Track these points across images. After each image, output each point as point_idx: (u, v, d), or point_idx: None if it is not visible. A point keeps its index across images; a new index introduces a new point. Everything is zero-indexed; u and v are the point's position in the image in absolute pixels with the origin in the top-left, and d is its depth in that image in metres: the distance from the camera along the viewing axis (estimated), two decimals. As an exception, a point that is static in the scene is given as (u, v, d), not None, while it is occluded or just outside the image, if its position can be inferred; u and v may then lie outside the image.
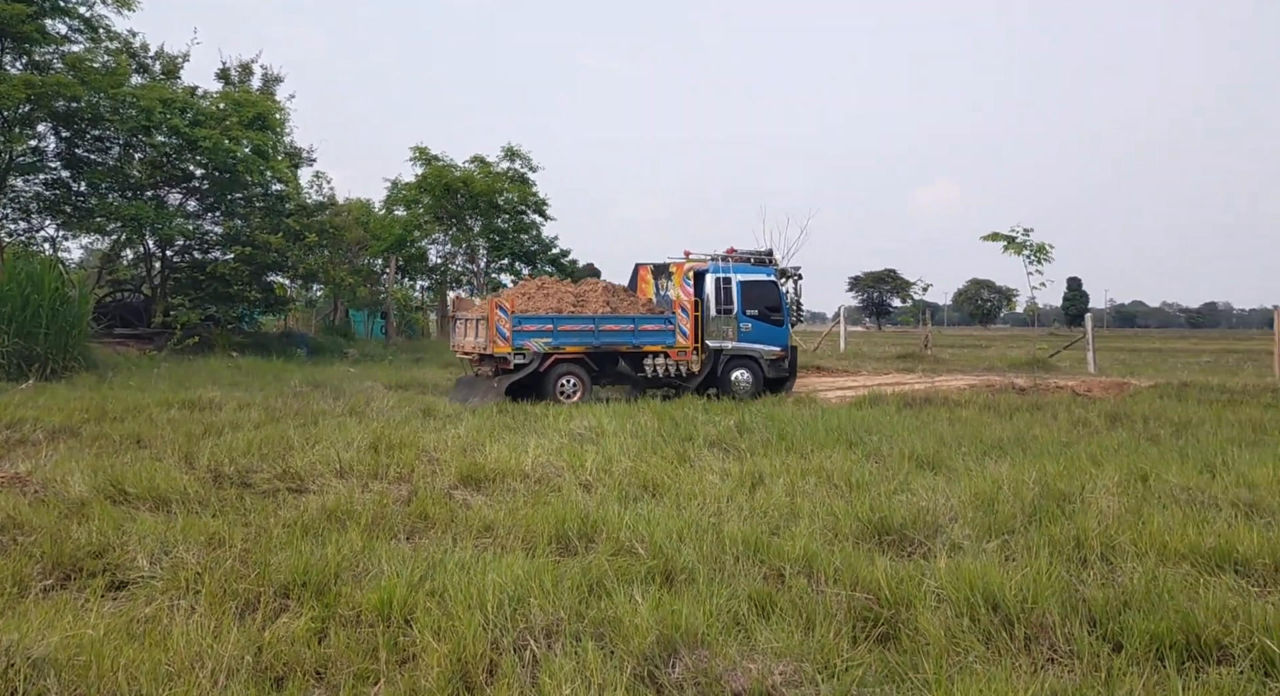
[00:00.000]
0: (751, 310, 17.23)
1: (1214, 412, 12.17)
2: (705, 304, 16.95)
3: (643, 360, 16.36)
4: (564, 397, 15.44)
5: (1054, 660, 4.03)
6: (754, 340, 17.24)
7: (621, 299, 17.01)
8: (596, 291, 16.92)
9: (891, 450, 9.35)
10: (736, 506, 6.89)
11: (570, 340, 15.76)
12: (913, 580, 4.85)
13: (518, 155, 30.69)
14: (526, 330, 15.49)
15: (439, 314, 31.95)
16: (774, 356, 17.39)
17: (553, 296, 16.52)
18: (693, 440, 10.23)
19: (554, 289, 16.89)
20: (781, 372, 17.52)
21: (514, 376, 15.38)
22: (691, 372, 16.70)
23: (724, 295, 17.02)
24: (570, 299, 16.48)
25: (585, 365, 15.93)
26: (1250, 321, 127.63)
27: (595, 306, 16.39)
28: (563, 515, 6.21)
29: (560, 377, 15.67)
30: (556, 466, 8.40)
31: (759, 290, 17.39)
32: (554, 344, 15.62)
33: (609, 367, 16.50)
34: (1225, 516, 6.16)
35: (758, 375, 17.16)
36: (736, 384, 16.88)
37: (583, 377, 15.84)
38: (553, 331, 15.65)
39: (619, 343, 16.16)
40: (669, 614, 4.21)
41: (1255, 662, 3.78)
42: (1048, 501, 6.76)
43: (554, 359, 15.61)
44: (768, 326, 17.40)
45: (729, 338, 17.03)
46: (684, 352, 16.47)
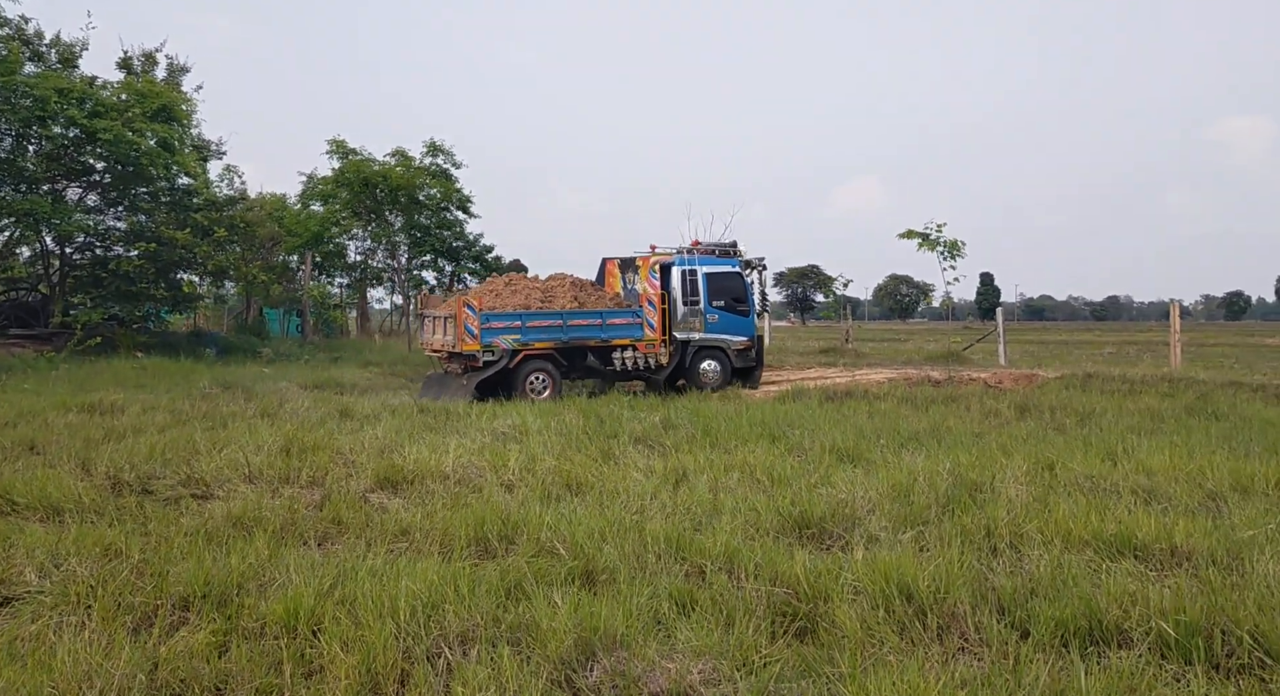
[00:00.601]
0: (717, 301, 17.47)
1: (1115, 402, 12.68)
2: (672, 296, 17.15)
3: (611, 354, 16.47)
4: (534, 394, 15.49)
5: (965, 649, 4.11)
6: (721, 331, 17.49)
7: (589, 294, 17.09)
8: (564, 287, 16.93)
9: (813, 444, 9.46)
10: (660, 503, 6.86)
11: (539, 336, 15.82)
12: (831, 573, 4.89)
13: (441, 150, 30.14)
14: (495, 327, 15.50)
15: (358, 312, 31.20)
16: (741, 346, 17.65)
17: (520, 293, 16.51)
18: (618, 437, 10.18)
19: (521, 285, 16.90)
20: (749, 362, 17.79)
21: (483, 374, 15.31)
22: (660, 365, 16.89)
23: (690, 287, 17.24)
24: (538, 295, 16.51)
25: (555, 361, 15.99)
26: (1149, 314, 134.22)
27: (563, 302, 16.44)
28: (482, 516, 6.08)
29: (530, 374, 15.69)
30: (478, 466, 8.25)
31: (724, 281, 17.63)
32: (523, 340, 15.66)
33: (578, 362, 16.58)
34: (1125, 503, 6.39)
35: (725, 365, 17.43)
36: (705, 374, 17.14)
37: (552, 373, 15.88)
38: (521, 328, 15.68)
39: (587, 337, 16.25)
40: (588, 616, 4.15)
41: (1153, 645, 3.92)
42: (960, 492, 6.91)
43: (523, 355, 15.65)
44: (734, 317, 17.64)
45: (696, 329, 17.26)
46: (652, 345, 16.67)
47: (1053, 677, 3.55)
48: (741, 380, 17.52)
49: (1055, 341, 39.85)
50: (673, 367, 17.01)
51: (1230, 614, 3.98)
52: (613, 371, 16.70)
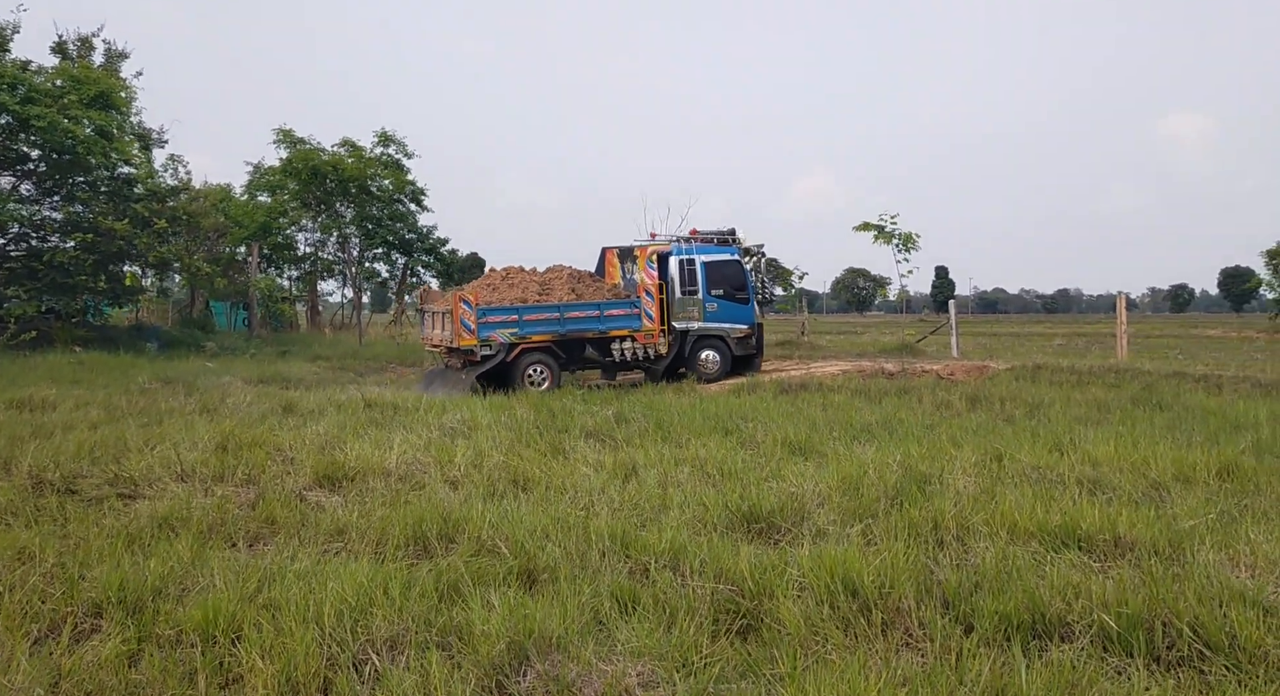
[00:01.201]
0: (716, 290, 17.42)
1: (1063, 393, 12.81)
2: (670, 286, 17.07)
3: (610, 345, 16.51)
4: (533, 386, 15.54)
5: (909, 644, 4.03)
6: (720, 319, 17.43)
7: (587, 285, 17.06)
8: (562, 279, 16.92)
9: (766, 437, 9.39)
10: (608, 499, 6.72)
11: (536, 329, 15.90)
12: (776, 569, 4.79)
13: (392, 140, 29.61)
14: (491, 322, 15.59)
15: (308, 305, 30.54)
16: (741, 334, 17.62)
17: (517, 286, 16.54)
18: (569, 431, 10.03)
19: (519, 279, 16.87)
20: (749, 350, 17.75)
21: (481, 368, 15.38)
22: (659, 355, 16.89)
23: (688, 277, 17.18)
24: (535, 288, 16.54)
25: (553, 353, 16.05)
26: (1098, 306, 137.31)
27: (560, 294, 16.45)
28: (422, 515, 5.89)
29: (528, 367, 15.80)
30: (423, 463, 8.04)
31: (723, 270, 17.56)
32: (520, 334, 15.77)
33: (577, 354, 16.61)
34: (1071, 494, 6.39)
35: (725, 354, 17.39)
36: (705, 363, 17.13)
37: (550, 365, 15.96)
38: (518, 321, 15.77)
39: (585, 329, 16.30)
40: (523, 617, 3.99)
41: (1095, 638, 3.88)
42: (910, 484, 6.86)
43: (521, 348, 15.73)
44: (734, 305, 17.58)
45: (695, 318, 17.23)
46: (651, 335, 16.65)
47: (994, 673, 3.48)
48: (742, 368, 17.51)
49: (1007, 333, 40.46)
50: (672, 357, 16.99)
51: (1171, 606, 3.95)
52: (612, 362, 16.71)
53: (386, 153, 29.50)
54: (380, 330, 30.47)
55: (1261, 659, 3.59)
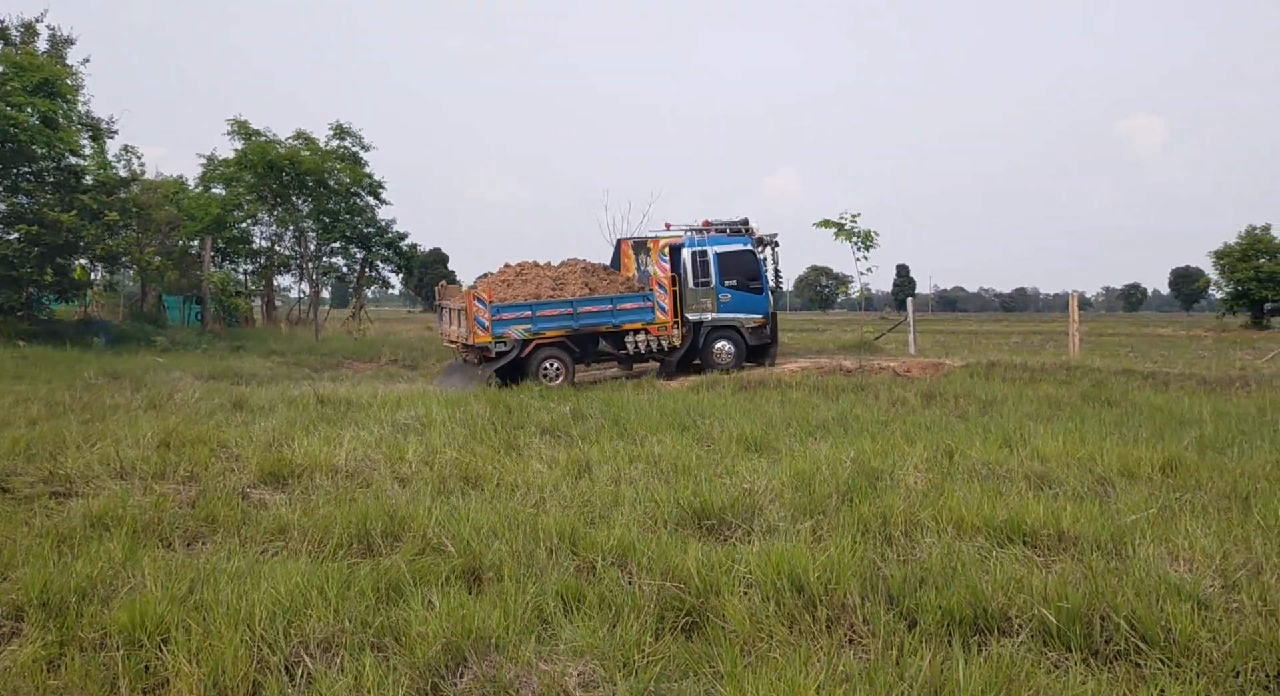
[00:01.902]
0: (730, 280, 17.42)
1: (1016, 390, 12.98)
2: (683, 277, 17.10)
3: (624, 338, 16.65)
4: (547, 380, 15.75)
5: (853, 641, 4.02)
6: (734, 310, 17.47)
7: (601, 279, 17.17)
8: (575, 274, 17.02)
9: (722, 433, 9.38)
10: (559, 496, 6.66)
11: (550, 324, 16.06)
12: (723, 566, 4.76)
13: (348, 133, 29.17)
14: (505, 318, 15.80)
15: (264, 300, 30.00)
16: (755, 324, 17.65)
17: (531, 282, 16.69)
18: (525, 428, 9.94)
19: (532, 274, 17.00)
20: (764, 339, 17.77)
21: (496, 364, 15.64)
22: (674, 346, 17.00)
23: (700, 268, 17.20)
24: (549, 283, 16.68)
25: (566, 347, 16.24)
26: (1054, 305, 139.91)
27: (574, 289, 16.60)
28: (367, 513, 5.77)
29: (543, 361, 16.00)
30: (373, 459, 7.92)
31: (736, 260, 17.55)
32: (534, 330, 15.93)
33: (591, 348, 16.76)
34: (1018, 489, 6.45)
35: (740, 344, 17.45)
36: (719, 354, 17.20)
37: (565, 360, 16.17)
38: (531, 317, 15.94)
39: (598, 323, 16.44)
40: (463, 617, 3.91)
41: (1035, 633, 3.89)
42: (861, 480, 6.88)
43: (535, 344, 15.91)
44: (747, 295, 17.58)
45: (708, 309, 17.25)
46: (664, 328, 16.78)
47: (934, 668, 3.47)
48: (757, 358, 17.60)
49: (965, 331, 41.02)
50: (685, 349, 17.07)
51: (1110, 600, 3.98)
52: (626, 355, 16.86)
53: (343, 145, 29.06)
54: (338, 325, 30.01)
55: (1195, 652, 3.63)
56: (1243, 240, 43.21)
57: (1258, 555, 4.74)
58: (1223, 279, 43.95)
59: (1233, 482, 6.50)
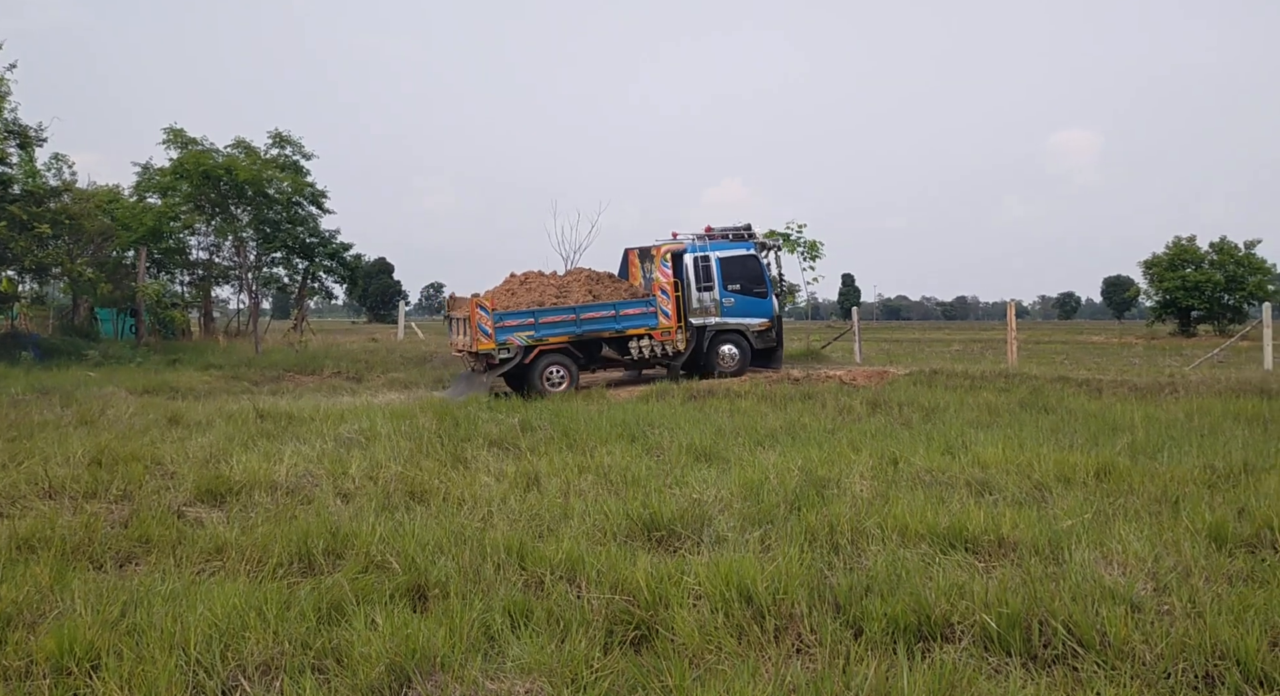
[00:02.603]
0: (733, 285, 17.60)
1: (957, 397, 13.24)
2: (686, 283, 17.27)
3: (628, 344, 16.89)
4: (551, 386, 16.16)
5: (800, 650, 4.05)
6: (738, 314, 17.64)
7: (605, 286, 17.39)
8: (580, 281, 17.29)
9: (671, 443, 9.40)
10: (508, 510, 6.59)
11: (552, 331, 16.33)
12: (673, 578, 4.76)
13: (289, 141, 28.62)
14: (508, 326, 16.06)
15: (202, 312, 29.21)
16: (760, 328, 17.80)
17: (535, 290, 16.99)
18: (472, 440, 9.83)
19: (537, 282, 17.28)
20: (770, 343, 17.92)
21: (499, 370, 16.05)
22: (678, 351, 17.20)
23: (703, 273, 17.39)
24: (553, 291, 16.95)
25: (570, 354, 16.52)
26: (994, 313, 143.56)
27: (578, 296, 16.84)
28: (308, 530, 5.65)
29: (546, 368, 16.29)
30: (315, 475, 7.76)
31: (739, 265, 17.71)
32: (537, 337, 16.17)
33: (594, 353, 17.02)
34: (960, 496, 6.57)
35: (744, 348, 17.64)
36: (724, 359, 17.41)
37: (568, 366, 16.46)
38: (534, 324, 16.21)
39: (601, 329, 16.68)
40: (407, 636, 3.84)
41: (977, 638, 3.96)
42: (809, 489, 6.95)
43: (538, 351, 16.19)
44: (751, 299, 17.73)
45: (712, 314, 17.45)
46: (668, 333, 16.99)
47: (879, 677, 3.51)
48: (763, 361, 17.75)
49: (909, 339, 41.78)
50: (690, 353, 17.25)
51: (1047, 605, 4.07)
52: (630, 360, 17.07)
53: (283, 154, 28.50)
54: (279, 338, 29.36)
55: (1129, 655, 3.73)
56: (1170, 250, 44.76)
57: (1187, 558, 4.89)
58: (1152, 288, 45.41)
59: (1163, 487, 6.71)
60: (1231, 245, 43.73)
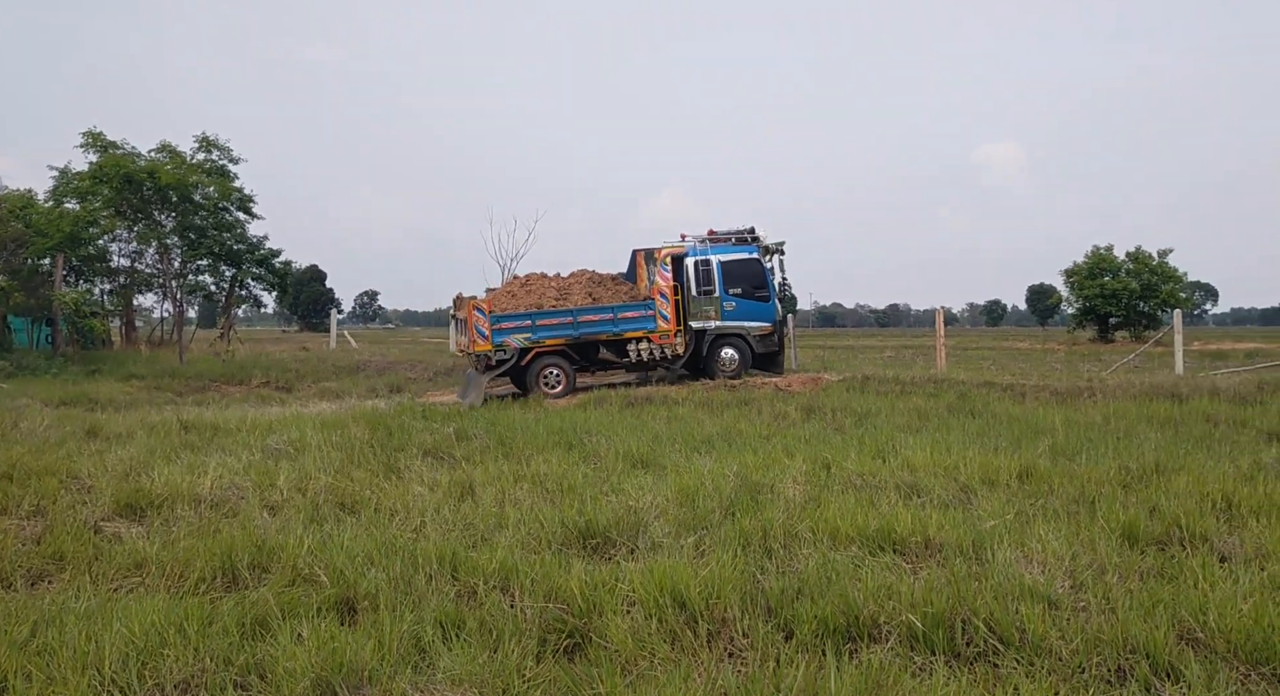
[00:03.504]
0: (734, 289, 17.54)
1: (889, 402, 13.54)
2: (685, 286, 17.25)
3: (626, 346, 16.98)
4: (548, 388, 16.40)
5: (732, 654, 4.08)
6: (739, 318, 17.56)
7: (607, 288, 17.53)
8: (581, 284, 17.47)
9: (608, 450, 9.40)
10: (441, 519, 6.51)
11: (549, 334, 16.54)
12: (607, 585, 4.76)
13: (216, 146, 27.85)
14: (505, 328, 16.31)
15: (123, 320, 28.18)
16: (762, 332, 17.73)
17: (535, 292, 17.20)
18: (405, 450, 9.69)
19: (537, 285, 17.48)
20: (771, 347, 17.85)
21: (496, 371, 16.37)
22: (677, 355, 17.24)
23: (703, 276, 17.34)
24: (553, 293, 17.16)
25: (567, 356, 16.70)
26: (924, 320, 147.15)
27: (578, 299, 17.03)
28: (233, 543, 5.49)
29: (543, 369, 16.51)
30: (241, 487, 7.55)
31: (741, 268, 17.65)
32: (534, 339, 16.42)
33: (592, 356, 17.11)
34: (889, 499, 6.72)
35: (745, 352, 17.58)
36: (724, 362, 17.39)
37: (565, 368, 16.65)
38: (531, 327, 16.45)
39: (598, 332, 16.81)
40: (334, 650, 3.76)
41: (903, 638, 4.05)
42: (744, 494, 7.02)
43: (535, 353, 16.40)
44: (753, 303, 17.65)
45: (712, 318, 17.39)
46: (666, 336, 17.02)
47: (807, 679, 3.56)
48: (765, 365, 17.74)
49: (843, 346, 42.47)
50: (689, 356, 17.28)
51: (970, 604, 4.19)
52: (628, 363, 17.13)
53: (209, 158, 27.72)
54: (205, 347, 28.50)
55: (1046, 651, 3.85)
56: (1089, 259, 46.49)
57: (1102, 556, 5.09)
58: (1072, 295, 47.10)
59: (1081, 488, 6.96)
60: (1146, 254, 45.64)
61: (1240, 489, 6.60)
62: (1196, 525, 5.66)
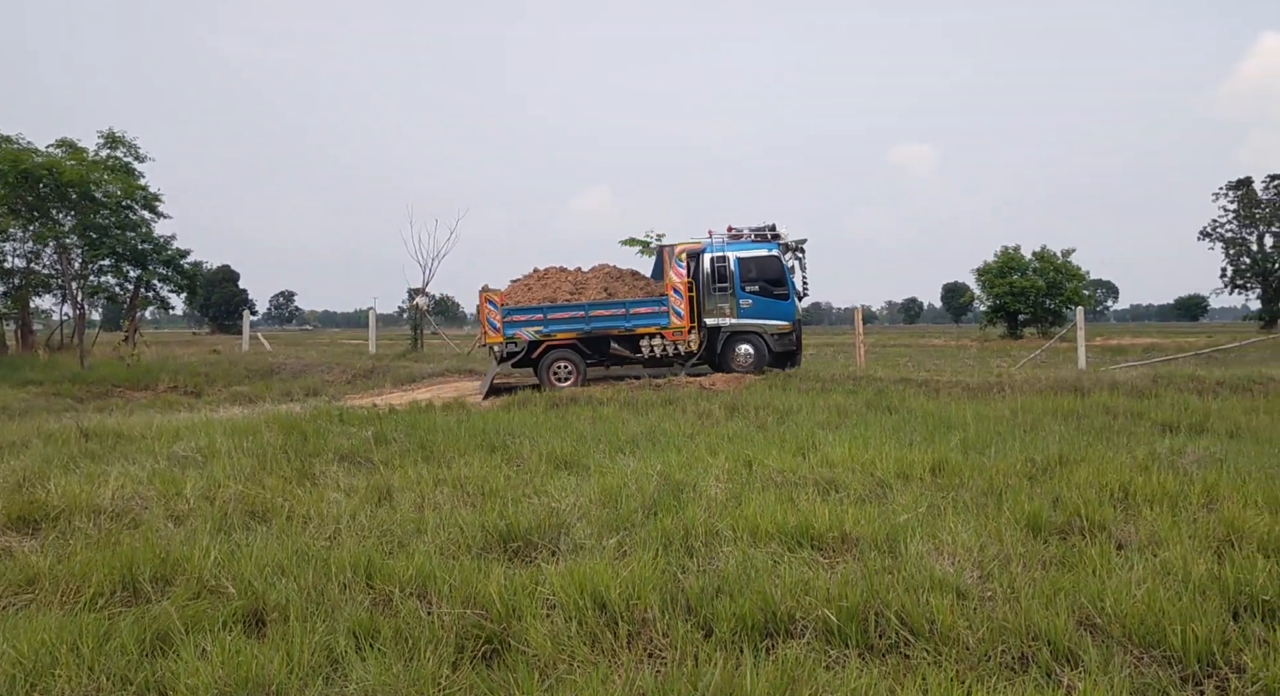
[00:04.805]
0: (751, 286, 17.28)
1: (810, 400, 13.77)
2: (701, 283, 17.09)
3: (639, 342, 16.98)
4: (558, 382, 16.47)
5: (652, 654, 4.08)
6: (756, 316, 17.30)
7: (626, 284, 17.43)
8: (598, 279, 17.44)
9: (532, 452, 9.32)
10: (356, 526, 6.35)
11: (561, 328, 16.66)
12: (527, 589, 4.71)
13: (121, 142, 26.65)
14: (516, 320, 16.56)
15: (18, 323, 26.72)
16: (779, 330, 17.46)
17: (550, 286, 17.24)
18: (321, 455, 9.42)
19: (553, 278, 17.50)
20: (789, 347, 17.58)
21: (506, 363, 16.73)
22: (690, 352, 17.13)
23: (718, 273, 17.12)
24: (568, 287, 17.16)
25: (578, 350, 16.78)
26: (845, 318, 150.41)
27: (593, 293, 17.00)
28: (134, 556, 5.25)
29: (554, 363, 16.62)
30: (144, 496, 7.23)
31: (759, 266, 17.34)
32: (545, 332, 16.61)
33: (604, 351, 17.12)
34: (808, 495, 6.83)
35: (762, 349, 17.33)
36: (738, 357, 17.21)
37: (575, 362, 16.72)
38: (543, 320, 16.54)
39: (610, 327, 16.83)
40: (239, 665, 3.63)
41: (818, 632, 4.12)
42: (666, 493, 7.04)
43: (545, 345, 16.52)
44: (771, 301, 17.35)
45: (727, 315, 17.19)
46: (679, 333, 16.96)
47: (725, 676, 3.59)
48: (781, 364, 17.54)
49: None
50: (704, 353, 17.15)
51: (883, 597, 4.28)
52: (640, 358, 17.10)
53: (114, 155, 26.52)
54: (109, 350, 27.24)
55: (955, 641, 3.97)
56: (999, 258, 48.23)
57: (1007, 546, 5.27)
58: (984, 293, 48.80)
59: (990, 480, 7.20)
60: (1051, 254, 47.57)
61: (1136, 478, 6.92)
62: (1095, 514, 5.91)
